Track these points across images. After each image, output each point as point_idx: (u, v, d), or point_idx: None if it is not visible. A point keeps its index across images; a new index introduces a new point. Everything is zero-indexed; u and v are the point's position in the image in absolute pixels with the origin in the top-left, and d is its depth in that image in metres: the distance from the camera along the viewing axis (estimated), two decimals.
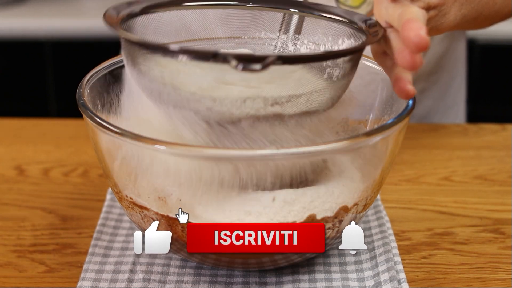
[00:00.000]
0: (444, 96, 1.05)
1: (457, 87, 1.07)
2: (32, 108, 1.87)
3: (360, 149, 0.57)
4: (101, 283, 0.61)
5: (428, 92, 1.02)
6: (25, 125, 0.96)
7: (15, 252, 0.67)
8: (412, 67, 0.53)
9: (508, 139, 0.91)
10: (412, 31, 0.52)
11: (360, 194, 0.60)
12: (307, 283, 0.62)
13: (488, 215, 0.74)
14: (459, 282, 0.63)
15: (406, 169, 0.84)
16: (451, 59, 1.03)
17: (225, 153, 0.54)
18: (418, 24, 0.52)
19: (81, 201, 0.76)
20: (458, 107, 1.08)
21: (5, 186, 0.80)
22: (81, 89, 0.62)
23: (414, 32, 0.52)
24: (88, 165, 0.84)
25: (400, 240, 0.69)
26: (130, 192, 0.59)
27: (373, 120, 0.69)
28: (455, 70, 1.05)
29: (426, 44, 0.51)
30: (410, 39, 0.52)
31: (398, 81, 0.56)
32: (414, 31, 0.52)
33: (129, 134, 0.54)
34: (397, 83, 0.56)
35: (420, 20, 0.53)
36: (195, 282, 0.62)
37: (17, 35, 1.78)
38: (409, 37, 0.52)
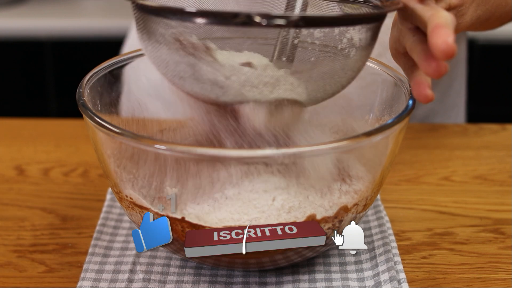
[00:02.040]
0: (445, 97, 1.05)
1: (458, 88, 1.07)
2: (32, 108, 1.87)
3: (360, 149, 0.57)
4: (101, 283, 0.61)
5: None
6: (25, 125, 0.96)
7: (15, 252, 0.67)
8: (437, 75, 0.53)
9: (508, 139, 0.91)
10: (440, 38, 0.50)
11: (360, 194, 0.60)
12: (307, 283, 0.62)
13: (488, 215, 0.74)
14: (459, 282, 0.63)
15: (406, 169, 0.84)
16: (453, 61, 1.03)
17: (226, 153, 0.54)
18: (447, 30, 0.51)
19: (81, 201, 0.76)
20: (459, 108, 1.08)
21: (5, 186, 0.80)
22: (81, 89, 0.62)
23: (442, 38, 0.50)
24: (88, 165, 0.84)
25: (400, 240, 0.69)
26: (130, 192, 0.59)
27: (373, 120, 0.69)
28: (456, 71, 1.05)
29: (453, 52, 0.50)
30: (437, 45, 0.50)
31: (418, 85, 0.55)
32: (442, 38, 0.50)
33: (129, 134, 0.54)
34: (417, 87, 0.56)
35: (449, 27, 0.52)
36: (195, 282, 0.62)
37: (17, 35, 1.78)
38: (436, 44, 0.51)
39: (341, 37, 0.58)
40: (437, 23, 0.52)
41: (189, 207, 0.58)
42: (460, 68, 1.06)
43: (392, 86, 0.65)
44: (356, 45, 0.57)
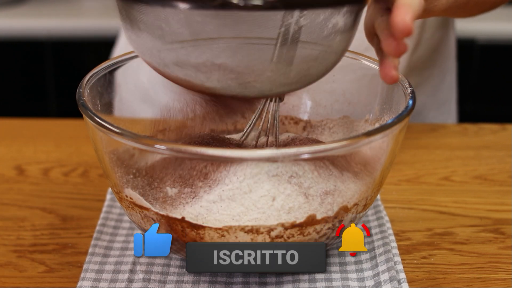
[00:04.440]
0: (437, 92, 1.05)
1: (449, 83, 1.08)
2: (32, 108, 1.87)
3: (360, 149, 0.57)
4: (101, 283, 0.61)
5: (422, 87, 1.03)
6: (25, 125, 0.96)
7: (15, 252, 0.67)
8: (397, 53, 0.54)
9: (508, 139, 0.91)
10: (399, 16, 0.52)
11: (360, 194, 0.60)
12: (307, 283, 0.62)
13: (488, 215, 0.74)
14: (459, 282, 0.63)
15: (406, 169, 0.84)
16: (442, 55, 1.04)
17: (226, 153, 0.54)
18: (407, 9, 0.52)
19: (81, 201, 0.76)
20: (450, 103, 1.09)
21: (5, 186, 0.80)
22: (81, 89, 0.62)
23: (401, 17, 0.52)
24: (88, 165, 0.84)
25: (400, 240, 0.69)
26: (130, 192, 0.59)
27: (373, 120, 0.69)
28: (446, 66, 1.06)
29: (409, 30, 0.52)
30: (396, 23, 0.52)
31: (385, 66, 0.57)
32: (401, 16, 0.52)
33: (129, 134, 0.54)
34: (384, 68, 0.57)
35: (411, 6, 0.53)
36: (195, 282, 0.62)
37: (17, 35, 1.78)
38: (394, 22, 0.52)
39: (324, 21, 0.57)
40: (401, 2, 0.53)
41: (189, 207, 0.58)
42: (450, 62, 1.07)
43: (392, 86, 0.65)
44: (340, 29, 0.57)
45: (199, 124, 0.74)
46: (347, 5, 0.55)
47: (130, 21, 0.56)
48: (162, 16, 0.54)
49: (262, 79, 0.55)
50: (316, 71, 0.58)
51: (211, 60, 0.54)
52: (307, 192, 0.58)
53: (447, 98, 1.08)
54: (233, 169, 0.58)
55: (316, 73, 0.58)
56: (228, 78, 0.55)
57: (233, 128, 0.75)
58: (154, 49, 0.55)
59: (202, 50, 0.54)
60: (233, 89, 0.56)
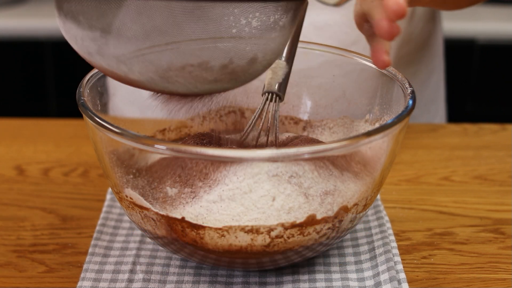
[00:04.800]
0: (424, 90, 1.05)
1: (436, 82, 1.07)
2: (32, 108, 1.87)
3: (360, 149, 0.57)
4: (101, 283, 0.61)
5: None
6: (25, 125, 0.96)
7: (15, 252, 0.67)
8: (390, 36, 0.54)
9: (508, 139, 0.91)
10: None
11: (360, 194, 0.60)
12: (307, 283, 0.62)
13: (488, 215, 0.74)
14: (459, 282, 0.63)
15: (406, 169, 0.84)
16: (429, 52, 1.04)
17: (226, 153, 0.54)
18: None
19: (81, 201, 0.76)
20: (438, 103, 1.09)
21: (5, 186, 0.80)
22: (81, 89, 0.62)
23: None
24: (88, 165, 0.84)
25: (400, 240, 0.69)
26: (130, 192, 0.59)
27: (373, 120, 0.69)
28: (433, 64, 1.06)
29: (404, 11, 0.52)
30: (389, 5, 0.52)
31: (376, 51, 0.57)
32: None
33: (129, 134, 0.54)
34: (375, 53, 0.57)
35: None
36: (195, 282, 0.62)
37: (17, 35, 1.78)
38: (388, 4, 0.52)
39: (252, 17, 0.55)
40: None
41: (189, 207, 0.58)
42: (437, 61, 1.07)
43: (392, 86, 0.65)
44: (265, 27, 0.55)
45: (199, 124, 0.74)
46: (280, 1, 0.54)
47: (58, 8, 0.55)
48: (81, 6, 0.53)
49: (184, 73, 0.55)
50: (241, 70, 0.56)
51: (128, 49, 0.54)
52: (307, 192, 0.58)
53: (434, 97, 1.08)
54: (233, 169, 0.58)
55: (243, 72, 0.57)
56: (149, 70, 0.54)
57: (233, 128, 0.75)
58: (78, 36, 0.55)
59: (118, 40, 0.53)
60: (157, 83, 0.55)
